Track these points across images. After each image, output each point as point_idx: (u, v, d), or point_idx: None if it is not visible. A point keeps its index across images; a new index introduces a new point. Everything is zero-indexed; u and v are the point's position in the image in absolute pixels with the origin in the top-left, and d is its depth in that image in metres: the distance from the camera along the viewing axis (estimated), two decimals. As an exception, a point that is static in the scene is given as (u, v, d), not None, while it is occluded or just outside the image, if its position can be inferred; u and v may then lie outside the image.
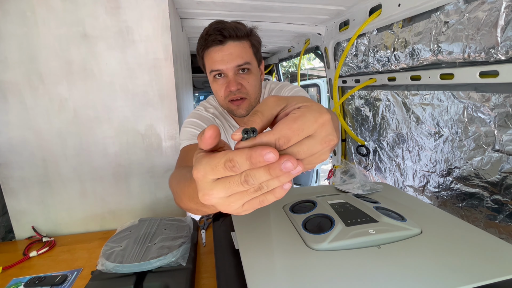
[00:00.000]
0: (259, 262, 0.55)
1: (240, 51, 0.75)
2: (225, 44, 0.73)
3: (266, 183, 0.26)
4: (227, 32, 0.72)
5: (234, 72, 0.77)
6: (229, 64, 0.74)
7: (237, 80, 0.77)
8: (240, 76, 0.78)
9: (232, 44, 0.74)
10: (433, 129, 1.14)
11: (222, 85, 0.79)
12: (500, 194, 0.90)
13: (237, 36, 0.74)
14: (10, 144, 1.03)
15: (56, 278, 0.80)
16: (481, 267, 0.52)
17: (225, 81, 0.78)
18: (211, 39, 0.74)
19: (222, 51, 0.74)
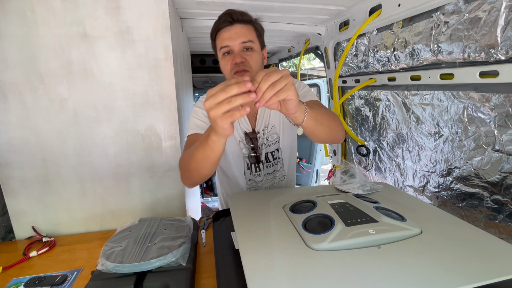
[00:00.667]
0: (259, 262, 0.55)
1: (245, 31, 0.91)
2: (233, 25, 0.89)
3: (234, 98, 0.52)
4: (235, 16, 0.89)
5: (239, 48, 0.91)
6: (236, 41, 0.89)
7: (241, 54, 0.91)
8: (245, 53, 0.92)
9: (239, 26, 0.90)
10: (433, 129, 1.14)
11: (229, 60, 0.92)
12: (500, 194, 0.90)
13: (243, 20, 0.91)
14: (10, 144, 1.03)
15: (56, 278, 0.80)
16: (481, 267, 0.52)
17: (231, 57, 0.91)
18: (221, 21, 0.90)
19: (230, 31, 0.90)
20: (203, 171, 0.78)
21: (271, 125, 1.09)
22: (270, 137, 1.11)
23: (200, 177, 0.82)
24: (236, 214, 0.76)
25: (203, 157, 0.72)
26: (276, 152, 1.14)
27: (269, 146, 1.11)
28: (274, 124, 1.10)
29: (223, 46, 0.91)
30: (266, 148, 1.11)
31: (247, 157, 1.10)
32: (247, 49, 0.92)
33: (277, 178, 1.21)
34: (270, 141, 1.11)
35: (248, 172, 1.16)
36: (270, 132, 1.10)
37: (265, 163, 1.14)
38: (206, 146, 0.68)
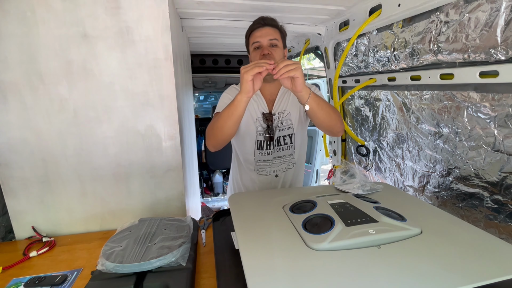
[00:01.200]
0: (259, 262, 0.55)
1: (273, 32, 1.13)
2: (264, 27, 1.12)
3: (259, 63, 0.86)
4: (266, 21, 1.13)
5: (267, 43, 1.12)
6: (265, 38, 1.11)
7: (268, 48, 1.11)
8: (271, 48, 1.12)
9: (268, 28, 1.13)
10: (433, 129, 1.14)
11: (258, 52, 1.12)
12: (500, 194, 0.90)
13: (272, 25, 1.14)
14: (10, 144, 1.03)
15: (56, 278, 0.80)
16: (481, 267, 0.52)
17: (261, 50, 1.11)
18: (255, 23, 1.13)
19: (261, 31, 1.12)
20: (226, 129, 0.99)
21: (287, 111, 1.24)
22: (285, 122, 1.24)
23: (222, 136, 1.02)
24: (236, 214, 0.76)
25: (228, 115, 0.95)
26: (288, 138, 1.26)
27: (282, 130, 1.23)
28: (290, 112, 1.24)
29: (255, 42, 1.12)
30: (279, 132, 1.23)
31: (262, 134, 1.22)
32: (273, 45, 1.12)
33: (285, 163, 1.29)
34: (284, 126, 1.24)
35: (258, 152, 1.25)
36: (285, 117, 1.23)
37: (276, 146, 1.25)
38: (232, 105, 0.93)
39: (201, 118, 3.86)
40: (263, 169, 1.28)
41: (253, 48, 1.14)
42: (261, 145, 1.23)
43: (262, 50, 1.11)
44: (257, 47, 1.12)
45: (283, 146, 1.25)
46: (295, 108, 1.24)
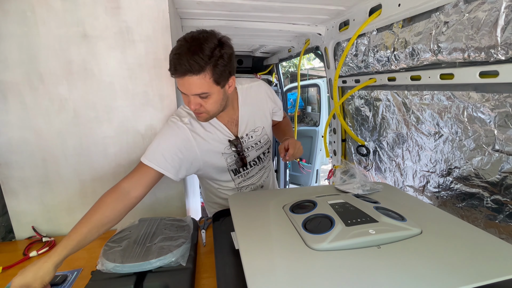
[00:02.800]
0: (259, 262, 0.55)
1: (198, 83, 0.81)
2: (184, 77, 0.80)
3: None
4: (183, 68, 0.78)
5: (194, 97, 0.84)
6: (189, 92, 0.83)
7: (196, 101, 0.85)
8: (200, 99, 0.86)
9: (190, 78, 0.79)
10: (433, 129, 1.14)
11: (186, 100, 0.87)
12: (500, 194, 0.90)
13: (194, 71, 0.78)
14: (10, 144, 1.03)
15: (56, 278, 0.80)
16: (481, 267, 0.52)
17: (187, 99, 0.87)
18: (173, 70, 0.81)
19: (182, 83, 0.82)
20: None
21: (260, 127, 1.11)
22: (262, 138, 1.14)
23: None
24: (236, 214, 0.76)
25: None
26: (267, 151, 1.20)
27: (261, 147, 1.15)
28: (263, 126, 1.13)
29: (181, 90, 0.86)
30: (258, 151, 1.14)
31: (234, 164, 1.08)
32: (202, 97, 0.85)
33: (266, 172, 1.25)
34: (263, 143, 1.14)
35: (236, 177, 1.16)
36: (260, 134, 1.12)
37: (258, 163, 1.17)
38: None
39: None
40: (246, 187, 1.19)
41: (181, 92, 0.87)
42: (238, 170, 1.12)
43: (189, 103, 0.86)
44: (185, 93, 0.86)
45: (263, 160, 1.19)
46: (266, 119, 1.13)
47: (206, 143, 0.98)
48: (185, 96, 0.87)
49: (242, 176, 1.16)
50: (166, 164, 0.90)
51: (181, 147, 0.93)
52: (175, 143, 0.93)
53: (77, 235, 0.74)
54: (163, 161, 0.90)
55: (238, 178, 1.16)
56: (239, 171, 1.13)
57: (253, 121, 1.09)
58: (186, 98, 0.87)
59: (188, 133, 0.95)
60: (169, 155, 0.91)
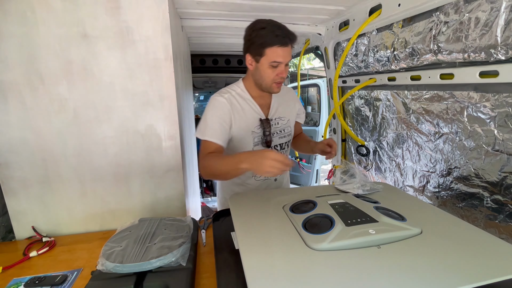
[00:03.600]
0: (259, 262, 0.55)
1: (290, 52, 1.06)
2: (287, 46, 1.02)
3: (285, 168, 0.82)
4: (292, 38, 1.02)
5: (285, 64, 1.05)
6: (286, 60, 1.04)
7: (285, 69, 1.07)
8: (285, 68, 1.07)
9: (289, 48, 1.04)
10: (433, 129, 1.14)
11: (275, 71, 1.05)
12: (500, 194, 0.90)
13: (293, 41, 1.03)
14: (10, 144, 1.03)
15: (56, 278, 0.80)
16: (481, 267, 0.52)
17: (278, 70, 1.05)
18: (280, 38, 0.99)
19: (284, 50, 1.01)
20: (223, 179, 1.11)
21: (286, 118, 1.23)
22: (286, 129, 1.23)
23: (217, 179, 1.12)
24: (236, 214, 0.76)
25: (227, 174, 0.96)
26: (287, 144, 1.26)
27: (283, 137, 1.23)
28: (289, 119, 1.25)
29: (275, 61, 1.02)
30: (280, 139, 1.22)
31: (259, 144, 1.17)
32: (286, 65, 1.07)
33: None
34: (286, 133, 1.23)
35: None
36: (286, 124, 1.23)
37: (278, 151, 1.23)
38: (234, 171, 0.91)
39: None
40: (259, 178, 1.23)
41: (270, 65, 1.03)
42: None
43: (280, 71, 1.04)
44: (275, 66, 1.03)
45: (283, 151, 1.25)
46: (291, 115, 1.26)
47: (240, 117, 1.11)
48: (273, 70, 1.04)
49: None
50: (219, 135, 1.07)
51: (224, 117, 1.08)
52: (219, 115, 1.08)
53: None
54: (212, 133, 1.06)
55: None
56: None
57: (282, 110, 1.22)
58: (274, 71, 1.05)
59: (227, 105, 1.10)
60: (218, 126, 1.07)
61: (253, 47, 1.04)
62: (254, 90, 1.14)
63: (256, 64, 1.06)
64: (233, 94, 1.13)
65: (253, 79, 1.11)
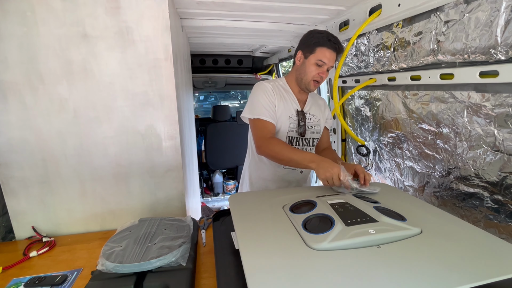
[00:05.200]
0: (259, 262, 0.55)
1: (335, 59, 1.18)
2: (335, 51, 1.15)
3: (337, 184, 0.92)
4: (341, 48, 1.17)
5: (327, 67, 1.17)
6: (331, 63, 1.16)
7: (326, 72, 1.19)
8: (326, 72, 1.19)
9: (335, 54, 1.16)
10: (433, 129, 1.14)
11: (317, 70, 1.17)
12: (500, 194, 0.90)
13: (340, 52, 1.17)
14: (10, 144, 1.03)
15: (56, 278, 0.80)
16: (481, 267, 0.52)
17: (320, 70, 1.17)
18: (332, 42, 1.14)
19: (332, 55, 1.15)
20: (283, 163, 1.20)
21: (318, 118, 1.32)
22: (316, 126, 1.32)
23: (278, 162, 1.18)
24: (236, 214, 0.76)
25: (290, 162, 1.07)
26: (316, 141, 1.34)
27: (313, 132, 1.31)
28: (320, 119, 1.34)
29: (321, 60, 1.14)
30: (311, 134, 1.30)
31: (294, 131, 1.26)
32: (328, 70, 1.18)
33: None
34: (316, 129, 1.32)
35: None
36: (317, 122, 1.32)
37: (305, 145, 1.30)
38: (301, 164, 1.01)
39: (201, 118, 3.85)
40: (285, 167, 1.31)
41: (315, 63, 1.16)
42: (291, 141, 1.27)
43: (322, 72, 1.17)
44: (320, 65, 1.16)
45: (311, 147, 1.32)
46: (322, 116, 1.35)
47: (282, 103, 1.22)
48: (316, 68, 1.16)
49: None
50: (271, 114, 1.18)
51: (271, 99, 1.20)
52: (267, 97, 1.19)
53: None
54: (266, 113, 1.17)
55: None
56: (293, 143, 1.27)
57: (315, 109, 1.32)
58: (317, 70, 1.17)
59: (272, 90, 1.22)
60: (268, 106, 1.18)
61: (306, 45, 1.18)
62: (294, 86, 1.26)
63: (304, 60, 1.19)
64: (276, 84, 1.26)
65: (295, 74, 1.24)
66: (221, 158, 3.43)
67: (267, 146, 1.12)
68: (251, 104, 1.20)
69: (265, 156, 1.20)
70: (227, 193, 3.43)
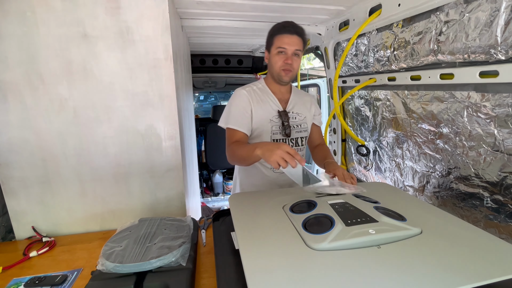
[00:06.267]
0: (259, 262, 0.55)
1: (299, 42, 1.15)
2: (293, 35, 1.13)
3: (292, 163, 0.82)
4: (297, 29, 1.14)
5: (292, 52, 1.14)
6: (292, 47, 1.13)
7: (291, 58, 1.15)
8: (293, 57, 1.16)
9: (297, 37, 1.14)
10: (433, 129, 1.14)
11: (282, 58, 1.15)
12: (500, 194, 0.90)
13: (301, 34, 1.15)
14: (10, 144, 1.03)
15: (56, 278, 0.80)
16: (481, 267, 0.52)
17: (284, 56, 1.15)
18: (286, 28, 1.13)
19: (290, 38, 1.13)
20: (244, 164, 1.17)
21: (303, 115, 1.29)
22: (303, 124, 1.29)
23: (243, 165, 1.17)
24: (236, 214, 0.76)
25: (244, 160, 1.04)
26: (304, 139, 1.30)
27: (300, 132, 1.28)
28: (306, 116, 1.30)
29: (281, 47, 1.13)
30: (297, 133, 1.27)
31: (278, 133, 1.23)
32: (295, 55, 1.15)
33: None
34: (302, 128, 1.29)
35: None
36: (302, 120, 1.29)
37: (294, 146, 1.27)
38: (251, 157, 0.95)
39: (201, 118, 3.85)
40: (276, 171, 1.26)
41: (277, 51, 1.15)
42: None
43: (286, 58, 1.15)
44: (281, 52, 1.14)
45: (300, 147, 1.29)
46: (308, 114, 1.31)
47: (260, 107, 1.20)
48: (280, 57, 1.14)
49: None
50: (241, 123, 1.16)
51: (245, 106, 1.18)
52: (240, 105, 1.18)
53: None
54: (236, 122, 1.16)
55: None
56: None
57: (299, 107, 1.29)
58: (281, 58, 1.14)
59: (247, 96, 1.20)
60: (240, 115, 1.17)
61: (267, 41, 1.20)
62: (274, 86, 1.25)
63: (269, 55, 1.20)
64: (254, 88, 1.25)
65: (269, 72, 1.23)
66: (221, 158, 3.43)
67: (228, 153, 1.12)
68: (225, 113, 1.20)
69: (233, 163, 1.18)
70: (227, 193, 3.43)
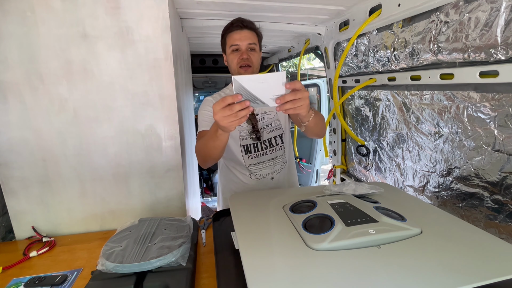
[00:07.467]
0: (259, 262, 0.55)
1: (251, 36, 1.13)
2: (243, 29, 1.11)
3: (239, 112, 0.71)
4: (246, 23, 1.12)
5: (246, 47, 1.12)
6: (244, 42, 1.11)
7: (247, 52, 1.12)
8: (249, 52, 1.13)
9: (247, 31, 1.12)
10: (433, 129, 1.14)
11: (237, 55, 1.12)
12: (500, 194, 0.90)
13: (251, 28, 1.13)
14: (10, 144, 1.03)
15: (56, 278, 0.80)
16: (481, 267, 0.52)
17: (239, 53, 1.12)
18: (234, 25, 1.11)
19: (240, 33, 1.11)
20: (214, 155, 0.98)
21: (272, 113, 1.24)
22: (274, 123, 1.24)
23: (212, 160, 1.03)
24: (236, 214, 0.76)
25: (213, 146, 0.91)
26: (279, 138, 1.25)
27: (272, 131, 1.23)
28: (276, 113, 1.25)
29: (233, 44, 1.11)
30: (268, 134, 1.23)
31: (247, 138, 1.20)
32: (251, 49, 1.13)
33: (279, 164, 1.27)
34: (274, 127, 1.24)
35: (247, 157, 1.22)
36: (273, 118, 1.24)
37: (268, 147, 1.24)
38: (215, 139, 0.86)
39: (201, 118, 3.85)
40: (256, 173, 1.24)
41: (231, 50, 1.13)
42: (249, 149, 1.21)
43: (241, 54, 1.11)
44: (236, 49, 1.12)
45: (275, 147, 1.25)
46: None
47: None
48: (235, 54, 1.12)
49: (252, 157, 1.21)
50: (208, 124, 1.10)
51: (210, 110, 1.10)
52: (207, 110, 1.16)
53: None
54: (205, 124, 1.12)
55: (249, 159, 1.21)
56: (251, 151, 1.21)
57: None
58: (236, 55, 1.12)
59: (212, 102, 1.17)
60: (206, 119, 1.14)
61: (221, 44, 1.19)
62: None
63: (226, 57, 1.19)
64: (221, 94, 1.25)
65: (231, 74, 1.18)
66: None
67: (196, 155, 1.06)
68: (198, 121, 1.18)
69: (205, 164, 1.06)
70: (227, 193, 3.42)
